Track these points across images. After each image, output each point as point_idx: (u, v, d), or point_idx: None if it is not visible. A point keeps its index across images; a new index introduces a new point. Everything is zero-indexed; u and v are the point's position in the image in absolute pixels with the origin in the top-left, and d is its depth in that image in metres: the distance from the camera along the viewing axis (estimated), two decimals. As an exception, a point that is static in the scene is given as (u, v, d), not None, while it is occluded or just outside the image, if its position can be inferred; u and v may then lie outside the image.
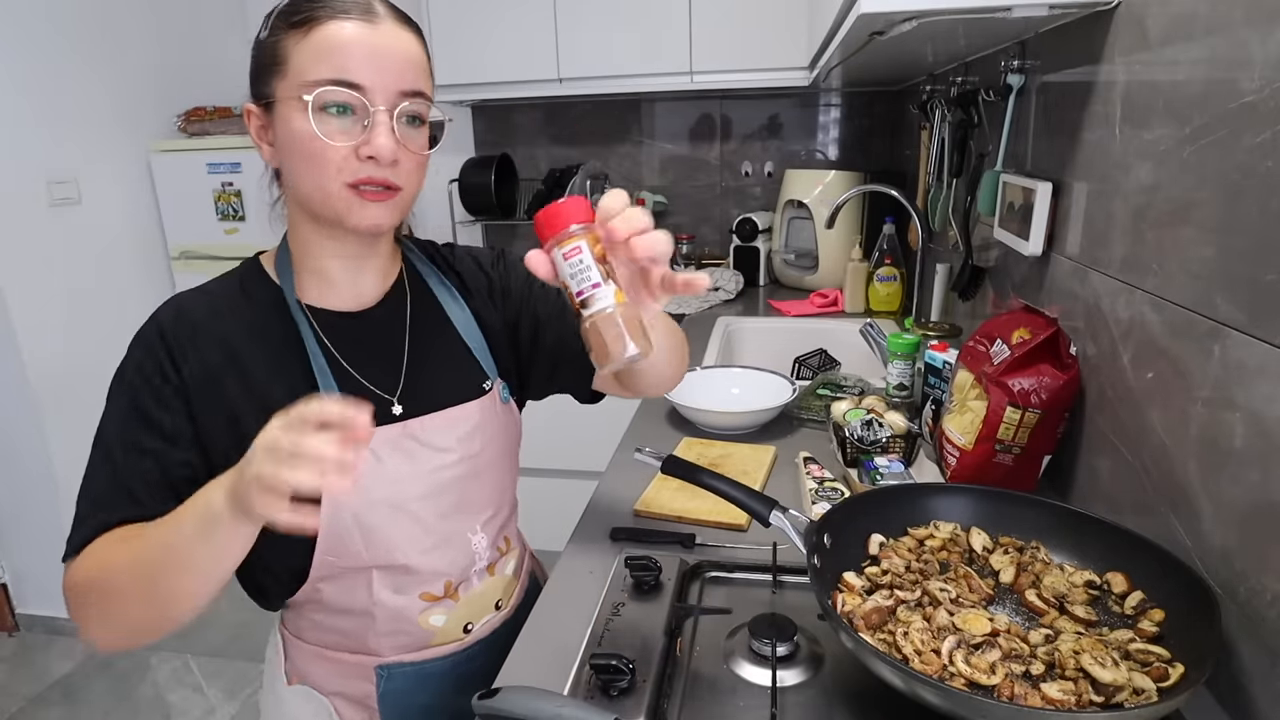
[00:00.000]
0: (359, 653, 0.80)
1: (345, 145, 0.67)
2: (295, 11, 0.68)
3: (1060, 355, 0.97)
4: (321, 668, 0.82)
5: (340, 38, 0.66)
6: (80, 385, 2.32)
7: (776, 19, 2.21)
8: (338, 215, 0.71)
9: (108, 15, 2.36)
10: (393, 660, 0.80)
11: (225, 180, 2.43)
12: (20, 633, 2.44)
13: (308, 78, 0.66)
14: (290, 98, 0.67)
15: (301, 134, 0.67)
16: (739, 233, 2.54)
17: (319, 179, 0.69)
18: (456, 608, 0.82)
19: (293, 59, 0.67)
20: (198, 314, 0.74)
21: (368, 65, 0.67)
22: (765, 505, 0.80)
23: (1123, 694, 0.57)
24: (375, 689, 0.81)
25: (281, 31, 0.68)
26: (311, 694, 0.82)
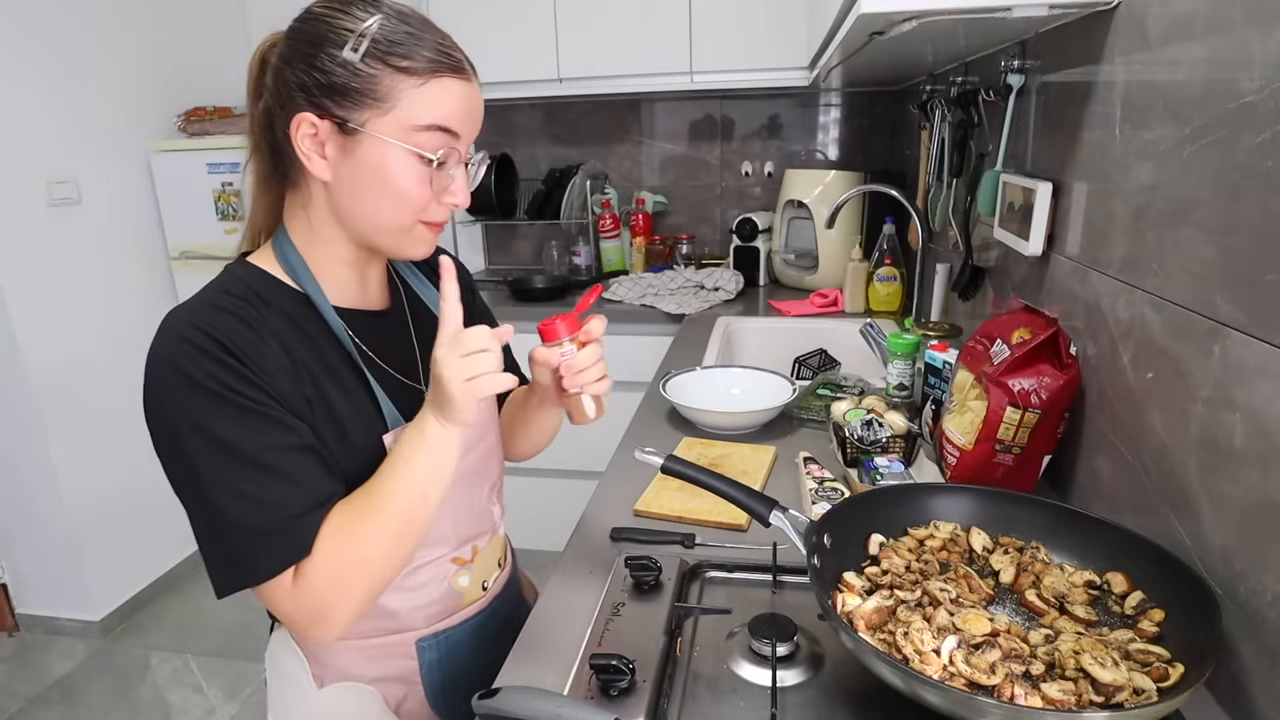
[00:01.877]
0: (399, 632, 0.84)
1: (428, 191, 0.72)
2: (402, 54, 0.68)
3: (1060, 355, 0.97)
4: (360, 657, 0.84)
5: (451, 96, 0.70)
6: (80, 385, 2.32)
7: (776, 19, 2.21)
8: (398, 246, 0.75)
9: (107, 15, 2.36)
10: (429, 631, 0.85)
11: (225, 180, 2.43)
12: (20, 633, 2.44)
13: (417, 123, 0.69)
14: (388, 136, 0.69)
15: (397, 173, 0.70)
16: (739, 233, 2.54)
17: (397, 216, 0.72)
18: (475, 569, 0.89)
19: (401, 101, 0.68)
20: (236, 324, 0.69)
21: (467, 122, 0.72)
22: (765, 505, 0.80)
23: (1123, 694, 0.57)
24: (418, 664, 0.85)
25: (383, 67, 0.68)
26: (353, 687, 0.84)
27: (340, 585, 0.68)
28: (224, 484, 0.66)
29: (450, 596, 0.86)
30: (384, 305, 0.85)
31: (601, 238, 2.75)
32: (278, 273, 0.76)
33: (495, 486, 0.93)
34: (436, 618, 0.85)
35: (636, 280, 2.51)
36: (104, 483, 2.39)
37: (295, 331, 0.73)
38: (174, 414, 0.67)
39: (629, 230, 2.78)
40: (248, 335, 0.69)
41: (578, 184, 2.67)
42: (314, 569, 0.68)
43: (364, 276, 0.81)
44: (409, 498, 0.70)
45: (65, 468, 2.27)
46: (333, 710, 0.83)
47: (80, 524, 2.32)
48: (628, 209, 2.82)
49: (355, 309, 0.80)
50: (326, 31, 0.69)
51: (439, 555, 0.84)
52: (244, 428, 0.66)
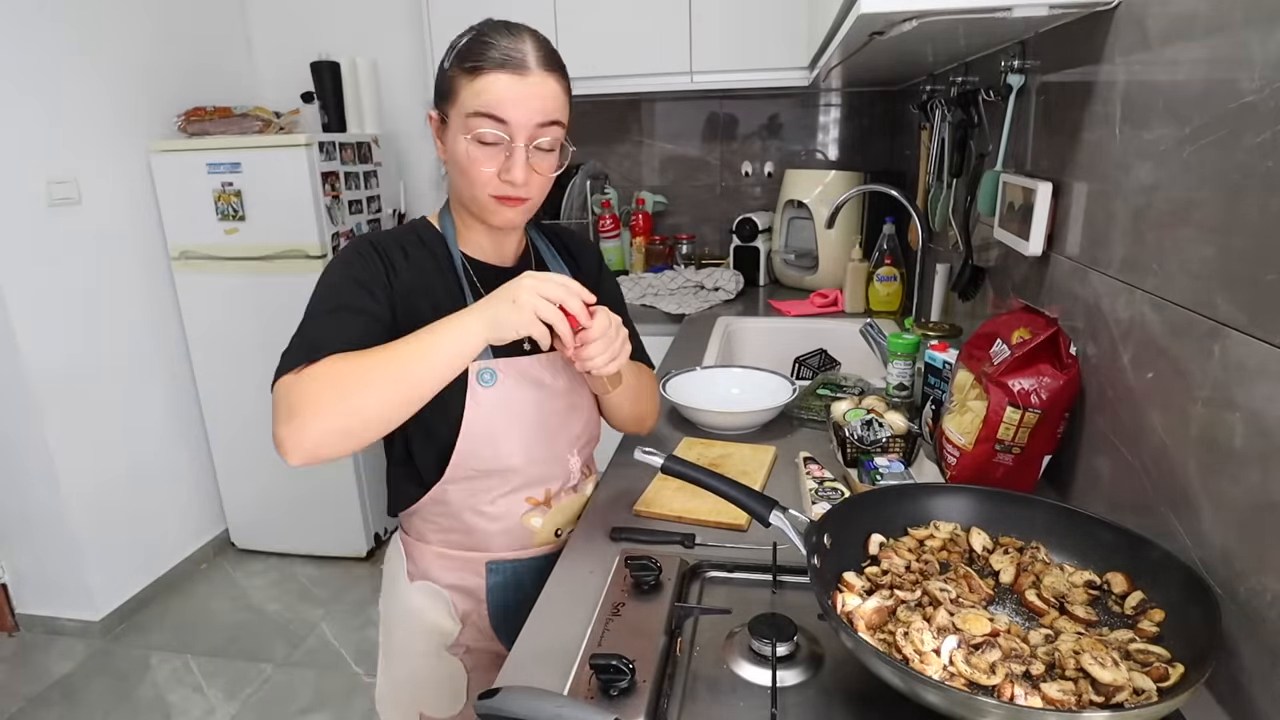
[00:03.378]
0: (473, 550, 1.00)
1: (490, 169, 0.88)
2: (468, 57, 0.87)
3: (1060, 355, 0.97)
4: (440, 564, 1.01)
5: (495, 87, 0.85)
6: (80, 385, 2.32)
7: (776, 19, 2.21)
8: (481, 213, 0.94)
9: (108, 15, 2.36)
10: (499, 557, 1.00)
11: (225, 180, 2.42)
12: (20, 633, 2.44)
13: (468, 111, 0.86)
14: (456, 124, 0.88)
15: (460, 153, 0.89)
16: (739, 233, 2.54)
17: (470, 188, 0.91)
18: (550, 514, 1.02)
19: (461, 94, 0.87)
20: (396, 246, 0.93)
21: (513, 108, 0.86)
22: (765, 505, 0.80)
23: (1123, 694, 0.57)
24: (485, 581, 1.01)
25: (457, 70, 0.87)
26: (431, 587, 1.02)
27: (314, 395, 0.77)
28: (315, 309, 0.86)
29: (520, 531, 1.00)
30: (512, 264, 1.02)
31: (601, 238, 2.75)
32: (437, 226, 0.99)
33: (579, 441, 1.05)
34: (507, 547, 1.00)
35: (636, 280, 2.51)
36: (104, 483, 2.39)
37: (435, 266, 0.95)
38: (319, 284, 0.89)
39: (629, 230, 2.78)
40: (396, 252, 0.92)
41: (577, 184, 2.67)
42: (308, 374, 0.79)
43: (495, 240, 1.00)
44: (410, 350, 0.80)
45: (65, 467, 2.27)
46: (415, 601, 1.02)
47: (80, 523, 2.32)
48: (628, 209, 2.82)
49: (485, 262, 1.00)
50: (448, 49, 0.91)
51: (511, 488, 0.98)
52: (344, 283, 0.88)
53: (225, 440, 2.73)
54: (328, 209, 2.46)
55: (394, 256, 0.92)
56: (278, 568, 2.76)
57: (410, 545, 1.03)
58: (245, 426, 2.67)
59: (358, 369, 0.78)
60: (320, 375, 0.78)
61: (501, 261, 1.01)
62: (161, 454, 2.61)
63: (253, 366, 2.58)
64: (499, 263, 1.01)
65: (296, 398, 0.77)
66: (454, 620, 1.02)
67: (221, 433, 2.72)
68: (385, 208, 2.79)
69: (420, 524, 1.02)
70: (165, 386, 2.62)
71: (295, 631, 2.40)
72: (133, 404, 2.50)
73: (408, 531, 1.04)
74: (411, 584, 1.03)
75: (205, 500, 2.80)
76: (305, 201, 2.40)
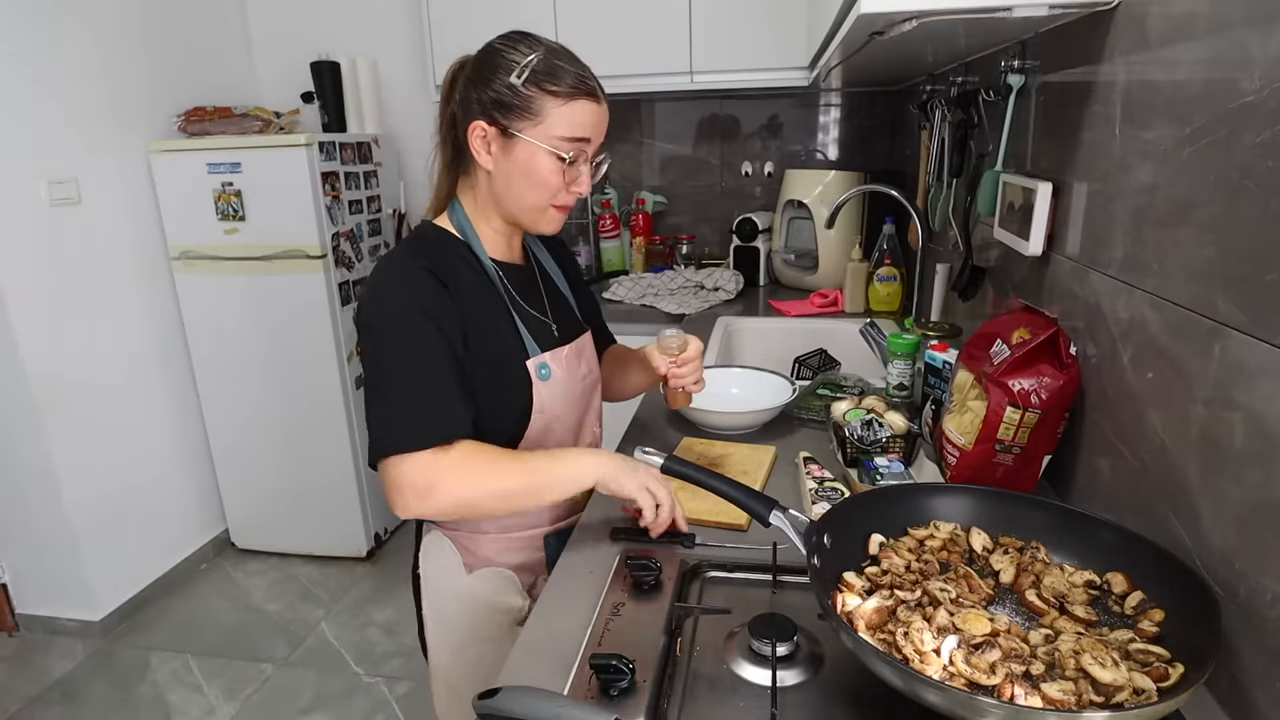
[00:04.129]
0: (530, 528, 1.07)
1: (566, 182, 0.97)
2: (552, 80, 0.93)
3: (1060, 355, 0.97)
4: (501, 547, 1.07)
5: (588, 114, 0.96)
6: (80, 385, 2.32)
7: (776, 19, 2.21)
8: (535, 222, 1.00)
9: (108, 15, 2.36)
10: (553, 529, 1.09)
11: (225, 180, 2.42)
12: (20, 633, 2.44)
13: (561, 135, 0.94)
14: (538, 141, 0.93)
15: (540, 168, 0.94)
16: (739, 233, 2.54)
17: (536, 199, 0.97)
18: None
19: (549, 116, 0.93)
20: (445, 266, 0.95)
21: (595, 132, 0.97)
22: (765, 505, 0.80)
23: (1123, 694, 0.57)
24: (545, 554, 1.09)
25: (537, 91, 0.92)
26: (496, 571, 1.07)
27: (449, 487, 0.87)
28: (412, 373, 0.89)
29: (568, 501, 1.04)
30: (523, 262, 1.10)
31: (601, 238, 2.75)
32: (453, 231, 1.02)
33: (596, 411, 1.17)
34: (560, 517, 1.09)
35: (636, 280, 2.51)
36: (104, 482, 2.39)
37: (469, 272, 0.99)
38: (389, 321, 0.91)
39: (629, 230, 2.78)
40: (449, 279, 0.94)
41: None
42: (445, 464, 0.88)
43: (509, 240, 1.06)
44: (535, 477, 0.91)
45: (65, 468, 2.27)
46: (481, 588, 1.07)
47: (80, 524, 2.32)
48: (628, 209, 2.82)
49: (504, 261, 1.05)
50: (501, 62, 0.94)
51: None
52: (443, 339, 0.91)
53: (225, 440, 2.73)
54: (328, 209, 2.46)
55: (448, 280, 0.94)
56: (278, 568, 2.76)
57: (462, 539, 1.08)
58: (245, 426, 2.66)
59: (492, 479, 0.90)
60: (457, 471, 0.88)
61: (514, 259, 1.08)
62: (161, 454, 2.61)
63: (253, 366, 2.58)
64: (514, 260, 1.08)
65: (435, 480, 0.87)
66: (524, 596, 1.08)
67: (221, 433, 2.72)
68: (385, 208, 2.79)
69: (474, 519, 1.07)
70: (165, 386, 2.62)
71: (295, 631, 2.40)
72: (133, 404, 2.49)
73: (455, 529, 1.08)
74: (471, 574, 1.07)
75: (205, 500, 2.80)
76: (305, 201, 2.40)
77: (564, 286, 1.16)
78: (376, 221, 2.74)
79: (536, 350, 1.02)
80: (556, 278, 1.16)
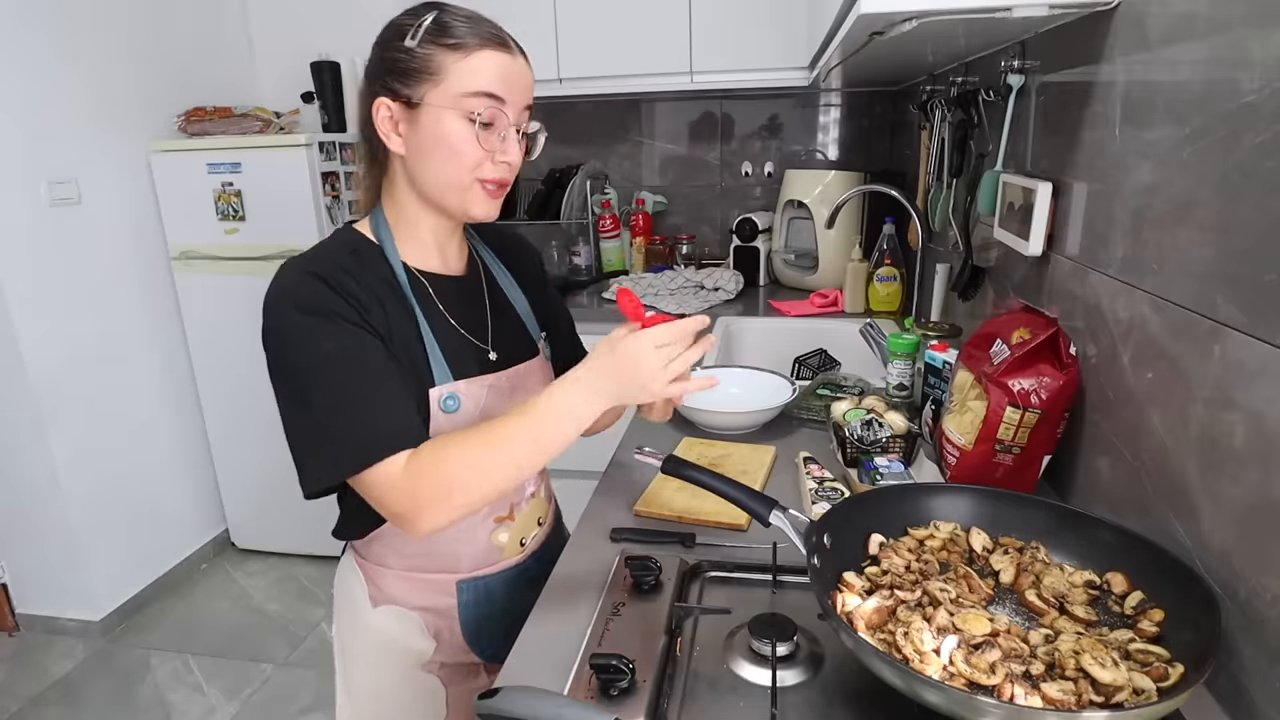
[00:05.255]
0: (442, 571, 0.96)
1: (485, 150, 0.83)
2: (448, 34, 0.81)
3: (1060, 355, 0.97)
4: (407, 587, 0.96)
5: (494, 65, 0.82)
6: (80, 385, 2.32)
7: (776, 19, 2.21)
8: (462, 204, 0.86)
9: (107, 15, 2.36)
10: (469, 575, 0.96)
11: (225, 180, 2.42)
12: (20, 633, 2.44)
13: (465, 90, 0.81)
14: (442, 104, 0.81)
15: (451, 134, 0.82)
16: (739, 233, 2.54)
17: (456, 173, 0.84)
18: (514, 526, 0.99)
19: (450, 73, 0.81)
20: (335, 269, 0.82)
21: (508, 88, 0.83)
22: (765, 505, 0.80)
23: (1123, 694, 0.57)
24: (456, 601, 0.96)
25: (435, 48, 0.81)
26: (400, 611, 0.97)
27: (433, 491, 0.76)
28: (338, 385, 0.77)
29: (490, 550, 0.97)
30: (461, 272, 0.96)
31: (601, 238, 2.75)
32: (371, 237, 0.90)
33: None
34: (477, 565, 0.97)
35: (636, 280, 2.51)
36: (104, 482, 2.39)
37: (381, 283, 0.86)
38: (291, 336, 0.79)
39: (629, 230, 2.78)
40: (348, 279, 0.81)
41: (578, 184, 2.67)
42: (421, 467, 0.77)
43: (442, 245, 0.93)
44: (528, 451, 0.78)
45: (65, 467, 2.27)
46: (382, 626, 0.97)
47: (80, 524, 2.32)
48: (628, 209, 2.82)
49: (434, 272, 0.92)
50: (395, 31, 0.84)
51: (483, 513, 0.94)
52: (353, 341, 0.79)
53: (225, 440, 2.72)
54: (328, 209, 2.46)
55: (343, 284, 0.81)
56: (278, 568, 2.76)
57: (369, 569, 0.97)
58: (245, 427, 2.66)
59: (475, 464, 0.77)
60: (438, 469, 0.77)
61: (449, 270, 0.95)
62: (161, 454, 2.61)
63: (253, 366, 2.57)
64: (447, 271, 0.94)
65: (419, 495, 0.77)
66: (428, 639, 0.98)
67: (221, 433, 2.72)
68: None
69: (380, 549, 0.96)
70: (165, 386, 2.62)
71: (295, 631, 2.39)
72: (133, 404, 2.49)
73: (364, 556, 0.98)
74: (376, 609, 0.97)
75: (205, 500, 2.80)
76: (305, 201, 2.40)
77: (520, 304, 1.02)
78: (376, 221, 2.74)
79: (447, 376, 0.87)
80: (511, 293, 1.02)
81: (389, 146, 0.85)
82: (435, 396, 0.86)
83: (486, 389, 0.91)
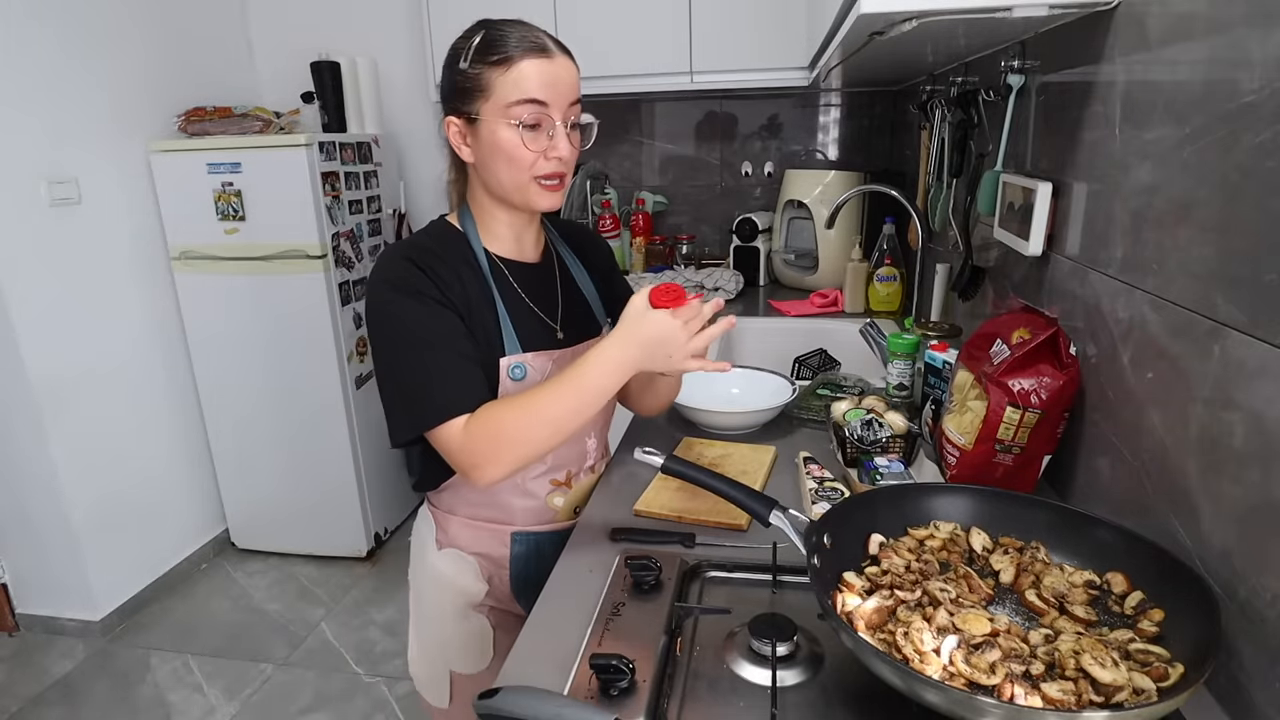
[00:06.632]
0: (500, 523, 1.07)
1: (535, 151, 0.93)
2: (493, 51, 0.91)
3: (1060, 355, 0.97)
4: (468, 534, 1.08)
5: (531, 72, 0.91)
6: (80, 385, 2.32)
7: (776, 19, 2.21)
8: (525, 200, 0.97)
9: (107, 15, 2.36)
10: (523, 529, 1.07)
11: (225, 180, 2.42)
12: (20, 633, 2.44)
13: (509, 101, 0.91)
14: (494, 117, 0.92)
15: (504, 142, 0.92)
16: (739, 233, 2.54)
17: (515, 175, 0.95)
18: (571, 493, 1.10)
19: (496, 88, 0.91)
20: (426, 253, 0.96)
21: (549, 89, 0.92)
22: (765, 505, 0.80)
23: (1123, 694, 0.57)
24: (509, 550, 1.07)
25: (482, 66, 0.91)
26: (459, 554, 1.09)
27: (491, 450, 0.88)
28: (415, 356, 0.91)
29: (545, 510, 1.08)
30: (537, 260, 1.07)
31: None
32: (455, 225, 1.03)
33: (596, 424, 1.12)
34: (531, 521, 1.07)
35: (637, 280, 2.51)
36: (104, 482, 2.39)
37: (465, 265, 0.99)
38: (386, 310, 0.93)
39: (629, 230, 2.78)
40: (436, 261, 0.95)
41: (577, 184, 2.67)
42: (474, 432, 0.89)
43: (519, 236, 1.05)
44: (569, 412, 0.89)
45: (65, 467, 2.27)
46: (444, 567, 1.09)
47: (80, 524, 2.32)
48: (628, 209, 2.82)
49: (512, 259, 1.04)
50: (453, 55, 0.95)
51: (539, 472, 1.06)
52: (433, 316, 0.92)
53: (225, 440, 2.72)
54: (328, 209, 2.46)
55: (433, 265, 0.94)
56: (278, 568, 2.76)
57: (440, 516, 1.10)
58: (245, 426, 2.66)
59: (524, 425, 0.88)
60: (489, 430, 0.89)
61: (525, 258, 1.06)
62: (161, 454, 2.61)
63: (253, 367, 2.58)
64: (524, 259, 1.06)
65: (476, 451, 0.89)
66: (480, 581, 1.09)
67: (221, 433, 2.72)
68: (385, 208, 2.79)
69: (450, 498, 1.08)
70: (165, 387, 2.61)
71: (295, 631, 2.39)
72: (133, 404, 2.49)
73: (436, 505, 1.11)
74: (440, 551, 1.09)
75: (205, 500, 2.80)
76: (305, 201, 2.40)
77: (589, 291, 1.13)
78: (376, 221, 2.74)
79: (517, 348, 0.99)
80: (581, 280, 1.12)
81: (461, 156, 0.98)
82: (505, 365, 0.98)
83: (552, 362, 1.01)
